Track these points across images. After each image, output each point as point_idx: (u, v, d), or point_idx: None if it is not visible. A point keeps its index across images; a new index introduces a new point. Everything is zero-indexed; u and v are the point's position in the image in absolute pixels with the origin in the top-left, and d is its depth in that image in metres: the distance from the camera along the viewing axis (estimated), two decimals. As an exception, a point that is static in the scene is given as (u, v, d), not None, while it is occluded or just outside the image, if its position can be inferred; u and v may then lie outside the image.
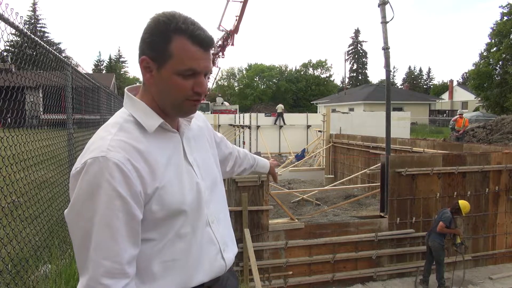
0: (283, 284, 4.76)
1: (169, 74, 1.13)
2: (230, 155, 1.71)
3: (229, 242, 1.36)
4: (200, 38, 1.13)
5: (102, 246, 1.04)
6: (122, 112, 1.20)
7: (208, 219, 1.26)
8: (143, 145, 1.12)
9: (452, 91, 49.81)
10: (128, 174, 1.06)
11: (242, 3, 21.74)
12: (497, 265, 5.65)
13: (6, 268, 2.79)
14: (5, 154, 2.65)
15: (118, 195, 1.04)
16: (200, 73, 1.15)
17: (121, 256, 1.05)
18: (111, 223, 1.04)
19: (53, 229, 3.75)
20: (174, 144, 1.22)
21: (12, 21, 2.58)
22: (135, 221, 1.08)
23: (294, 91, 59.99)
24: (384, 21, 5.30)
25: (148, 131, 1.15)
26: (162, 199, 1.13)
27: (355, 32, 72.19)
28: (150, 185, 1.10)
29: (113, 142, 1.09)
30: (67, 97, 4.47)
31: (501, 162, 5.67)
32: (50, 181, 3.99)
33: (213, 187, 1.32)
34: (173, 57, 1.12)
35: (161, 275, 1.17)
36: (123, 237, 1.06)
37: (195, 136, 1.34)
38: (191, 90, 1.14)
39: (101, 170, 1.04)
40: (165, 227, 1.16)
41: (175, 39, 1.12)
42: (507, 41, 25.98)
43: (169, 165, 1.17)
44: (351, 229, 5.07)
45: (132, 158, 1.08)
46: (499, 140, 15.21)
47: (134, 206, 1.07)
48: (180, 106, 1.17)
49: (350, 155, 11.67)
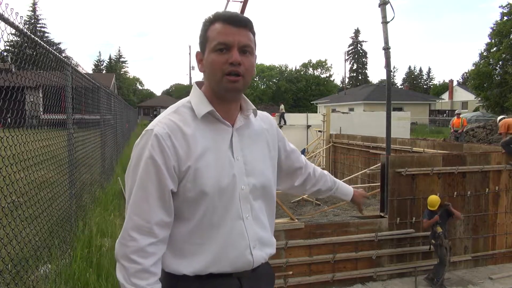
0: (283, 284, 4.76)
1: (208, 55, 1.27)
2: (300, 170, 1.69)
3: (264, 242, 1.39)
4: (230, 17, 1.26)
5: (136, 203, 1.22)
6: (185, 99, 1.36)
7: (242, 213, 1.32)
8: (189, 128, 1.26)
9: (452, 91, 49.81)
10: (165, 147, 1.21)
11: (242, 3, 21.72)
12: (497, 265, 5.64)
13: (6, 268, 2.79)
14: (5, 154, 2.65)
15: (154, 162, 1.21)
16: (232, 47, 1.24)
17: (150, 216, 1.21)
18: (145, 185, 1.21)
19: (53, 229, 3.75)
20: (223, 135, 1.31)
21: (12, 21, 2.58)
22: (166, 189, 1.23)
23: (294, 91, 60.01)
24: (385, 21, 5.30)
25: (197, 116, 1.28)
26: (196, 179, 1.24)
27: (355, 32, 72.25)
28: (184, 162, 1.23)
29: (164, 119, 1.27)
30: (67, 97, 4.48)
31: (501, 162, 5.67)
32: (50, 181, 3.99)
33: (259, 187, 1.37)
34: (209, 39, 1.27)
35: (189, 254, 1.29)
36: (154, 199, 1.21)
37: (253, 135, 1.40)
38: (226, 64, 1.24)
39: (147, 140, 1.23)
40: (195, 208, 1.27)
41: (211, 26, 1.28)
42: (507, 41, 25.99)
43: (209, 151, 1.27)
44: (351, 229, 5.07)
45: (174, 135, 1.23)
46: (499, 140, 15.21)
47: (167, 176, 1.22)
48: (221, 82, 1.25)
49: (350, 155, 11.66)
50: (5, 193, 2.66)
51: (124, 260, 1.21)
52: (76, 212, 4.77)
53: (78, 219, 4.79)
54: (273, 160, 1.47)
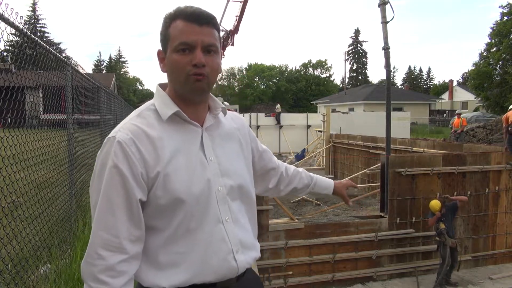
0: (283, 284, 4.76)
1: (170, 55, 1.20)
2: (273, 170, 1.63)
3: (246, 245, 1.31)
4: (192, 14, 1.18)
5: (101, 218, 1.12)
6: (149, 102, 1.28)
7: (221, 216, 1.24)
8: (155, 131, 1.18)
9: (452, 91, 49.79)
10: (130, 153, 1.13)
11: (242, 3, 21.66)
12: (497, 265, 5.64)
13: (6, 268, 2.79)
14: (5, 154, 2.65)
15: (119, 171, 1.12)
16: (195, 47, 1.17)
17: (118, 230, 1.11)
18: (110, 197, 1.12)
19: (53, 229, 3.75)
20: (191, 136, 1.24)
21: (12, 21, 2.58)
22: (134, 200, 1.13)
23: (294, 91, 60.00)
24: (385, 21, 5.30)
25: (163, 118, 1.21)
26: (166, 184, 1.16)
27: (355, 32, 72.21)
28: (152, 168, 1.15)
29: (126, 125, 1.19)
30: (67, 97, 4.48)
31: (501, 162, 5.67)
32: (50, 181, 3.99)
33: (236, 187, 1.30)
34: (170, 38, 1.19)
35: (168, 266, 1.19)
36: (121, 212, 1.12)
37: (224, 135, 1.34)
38: (189, 65, 1.17)
39: (109, 149, 1.14)
40: (169, 216, 1.18)
41: (172, 23, 1.20)
42: (507, 41, 25.97)
43: (178, 154, 1.19)
44: (351, 229, 5.07)
45: (138, 141, 1.15)
46: (499, 140, 15.20)
47: (134, 185, 1.13)
48: (185, 83, 1.19)
49: (350, 155, 11.67)
50: (5, 193, 2.66)
51: (92, 281, 1.10)
52: (76, 212, 4.77)
53: (78, 219, 4.79)
54: (247, 160, 1.40)
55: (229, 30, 23.88)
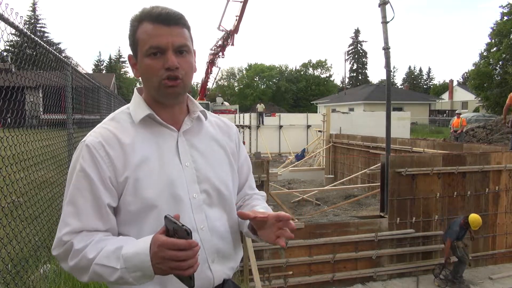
0: (283, 284, 4.76)
1: (141, 60, 1.16)
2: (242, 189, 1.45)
3: (224, 255, 1.24)
4: (159, 15, 1.13)
5: (65, 220, 1.09)
6: (125, 106, 1.25)
7: (195, 224, 1.18)
8: (127, 135, 1.15)
9: (452, 91, 49.77)
10: (97, 157, 1.10)
11: (242, 3, 21.68)
12: (497, 265, 5.65)
13: (6, 268, 2.79)
14: (5, 154, 2.65)
15: (85, 175, 1.10)
16: (166, 49, 1.12)
17: (83, 224, 1.09)
18: (75, 201, 1.10)
19: (53, 229, 3.74)
20: (166, 140, 1.19)
21: (12, 21, 2.58)
22: (102, 204, 1.10)
23: (294, 91, 59.98)
24: (385, 21, 5.30)
25: (135, 121, 1.18)
26: (137, 190, 1.12)
27: (355, 32, 72.18)
28: (121, 173, 1.12)
29: (98, 129, 1.17)
30: (67, 97, 4.47)
31: (501, 162, 5.67)
32: (50, 181, 3.99)
33: (213, 194, 1.23)
34: (139, 42, 1.15)
35: None
36: (88, 216, 1.09)
37: (205, 139, 1.27)
38: (162, 69, 1.12)
39: (79, 153, 1.13)
40: (140, 223, 1.14)
41: (139, 27, 1.15)
42: (507, 41, 25.96)
43: (151, 159, 1.15)
44: (351, 229, 5.07)
45: (108, 145, 1.12)
46: (499, 140, 15.20)
47: (101, 188, 1.10)
48: (159, 89, 1.14)
49: (350, 155, 11.67)
50: (5, 193, 2.66)
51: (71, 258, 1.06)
52: (76, 212, 4.76)
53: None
54: (232, 167, 1.32)
55: (229, 30, 23.89)
